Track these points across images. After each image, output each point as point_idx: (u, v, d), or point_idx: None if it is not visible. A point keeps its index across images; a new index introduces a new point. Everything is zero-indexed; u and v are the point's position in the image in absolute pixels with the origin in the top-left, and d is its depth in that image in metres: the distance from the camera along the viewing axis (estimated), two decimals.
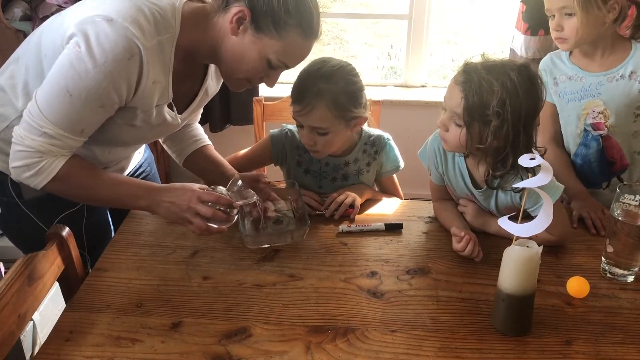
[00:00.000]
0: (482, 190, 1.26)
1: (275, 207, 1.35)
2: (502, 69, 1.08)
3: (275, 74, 1.19)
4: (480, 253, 1.20)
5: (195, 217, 1.13)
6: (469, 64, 1.12)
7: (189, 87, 1.28)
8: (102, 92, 1.05)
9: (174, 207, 1.13)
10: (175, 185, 1.17)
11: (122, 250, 1.24)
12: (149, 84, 1.10)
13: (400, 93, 2.86)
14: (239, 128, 2.80)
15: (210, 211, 1.13)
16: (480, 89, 1.08)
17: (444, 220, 1.34)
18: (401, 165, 1.55)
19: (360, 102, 1.36)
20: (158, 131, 1.27)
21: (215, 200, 1.14)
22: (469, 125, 1.11)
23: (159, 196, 1.14)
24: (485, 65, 1.11)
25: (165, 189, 1.16)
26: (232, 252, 1.23)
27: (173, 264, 1.19)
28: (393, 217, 1.40)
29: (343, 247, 1.27)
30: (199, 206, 1.12)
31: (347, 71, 1.34)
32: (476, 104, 1.09)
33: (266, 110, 1.89)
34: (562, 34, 1.34)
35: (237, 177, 1.22)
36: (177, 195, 1.13)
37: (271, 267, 1.19)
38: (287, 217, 1.34)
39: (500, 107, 1.06)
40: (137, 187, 1.16)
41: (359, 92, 1.35)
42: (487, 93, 1.07)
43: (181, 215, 1.13)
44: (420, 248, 1.27)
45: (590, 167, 1.47)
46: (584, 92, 1.41)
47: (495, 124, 1.07)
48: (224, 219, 1.15)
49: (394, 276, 1.17)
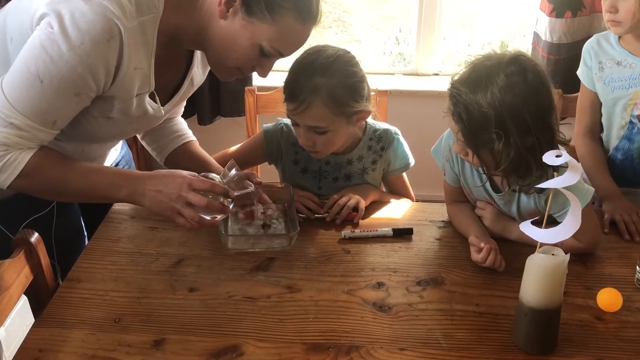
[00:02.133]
0: (502, 194, 1.26)
1: (265, 210, 1.36)
2: (488, 78, 1.07)
3: (269, 62, 1.19)
4: (502, 263, 1.20)
5: (186, 207, 1.12)
6: (453, 86, 1.12)
7: (173, 76, 1.29)
8: (77, 78, 1.05)
9: (162, 196, 1.12)
10: (162, 171, 1.16)
11: (98, 258, 1.24)
12: (129, 70, 1.10)
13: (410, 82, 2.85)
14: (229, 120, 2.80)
15: (204, 200, 1.11)
16: (470, 115, 1.08)
17: (459, 225, 1.35)
18: (411, 163, 1.55)
19: (362, 95, 1.36)
20: (138, 125, 1.27)
21: (209, 188, 1.13)
22: (478, 153, 1.13)
23: (143, 184, 1.14)
24: (469, 80, 1.10)
25: (150, 176, 1.15)
26: (221, 261, 1.24)
27: (155, 273, 1.20)
28: (402, 221, 1.41)
29: (346, 255, 1.27)
30: (191, 195, 1.11)
31: (345, 61, 1.34)
32: (474, 132, 1.10)
33: (259, 102, 1.90)
34: (616, 16, 1.34)
35: (232, 162, 1.22)
36: (166, 182, 1.13)
37: (265, 278, 1.19)
38: (276, 221, 1.34)
39: (500, 125, 1.07)
40: (117, 176, 1.16)
41: (360, 84, 1.35)
42: (478, 117, 1.08)
43: (170, 206, 1.12)
44: (433, 256, 1.27)
45: (632, 163, 1.47)
46: (633, 80, 1.41)
47: (500, 145, 1.08)
48: (219, 209, 1.14)
49: (403, 288, 1.17)
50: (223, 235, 1.24)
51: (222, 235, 1.24)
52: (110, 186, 1.15)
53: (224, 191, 1.15)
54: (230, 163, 1.22)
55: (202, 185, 1.13)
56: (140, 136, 1.51)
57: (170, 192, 1.12)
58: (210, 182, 1.14)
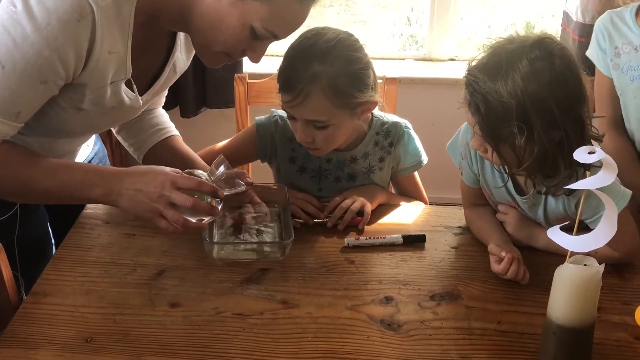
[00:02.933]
0: (527, 197, 1.26)
1: (256, 214, 1.36)
2: (509, 64, 1.07)
3: (262, 45, 1.19)
4: (526, 274, 1.20)
5: (169, 208, 1.12)
6: (470, 73, 1.12)
7: (152, 61, 1.29)
8: (44, 63, 1.05)
9: (142, 195, 1.12)
10: (141, 168, 1.16)
11: (67, 269, 1.24)
12: (103, 54, 1.10)
13: (422, 68, 2.85)
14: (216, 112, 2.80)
15: (190, 200, 1.12)
16: (489, 106, 1.08)
17: (478, 232, 1.35)
18: (424, 161, 1.55)
19: (367, 84, 1.36)
20: (112, 117, 1.26)
21: (195, 187, 1.13)
22: (498, 149, 1.13)
23: (120, 182, 1.14)
24: (488, 66, 1.10)
25: (128, 173, 1.15)
26: (207, 272, 1.23)
27: (132, 287, 1.19)
28: (413, 227, 1.40)
29: (349, 266, 1.27)
30: (175, 194, 1.11)
31: (347, 45, 1.34)
32: (493, 125, 1.10)
33: (251, 91, 1.90)
34: None
35: (221, 158, 1.22)
36: (146, 180, 1.13)
37: (257, 291, 1.19)
38: (268, 227, 1.34)
39: (522, 118, 1.07)
40: (90, 173, 1.16)
41: (364, 71, 1.35)
42: (498, 108, 1.08)
43: (150, 207, 1.12)
44: (448, 267, 1.27)
45: None
46: None
47: (522, 140, 1.08)
48: (206, 210, 1.15)
49: (415, 303, 1.17)
50: (207, 242, 1.24)
51: (205, 242, 1.24)
52: (82, 185, 1.14)
53: (212, 190, 1.15)
54: (219, 159, 1.22)
55: (187, 184, 1.13)
56: (115, 130, 1.50)
57: (151, 191, 1.12)
58: (196, 180, 1.14)
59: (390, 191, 1.60)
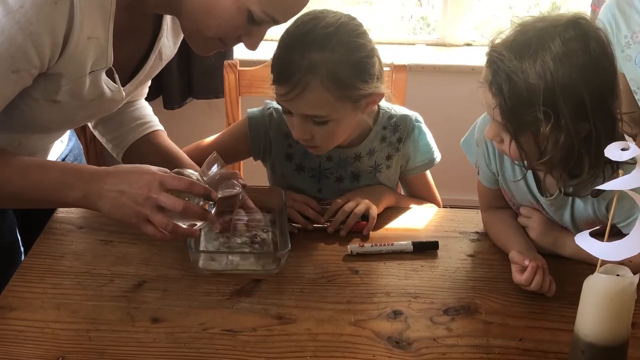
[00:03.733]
0: (552, 198, 1.26)
1: (249, 220, 1.35)
2: (539, 42, 1.08)
3: (259, 31, 1.19)
4: (552, 285, 1.20)
5: (157, 212, 1.12)
6: (494, 49, 1.12)
7: (136, 48, 1.29)
8: (16, 50, 1.05)
9: (125, 197, 1.12)
10: (124, 167, 1.16)
11: (36, 280, 1.24)
12: (81, 40, 1.10)
13: (435, 54, 2.86)
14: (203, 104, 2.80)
15: (181, 203, 1.12)
16: (513, 87, 1.09)
17: (497, 238, 1.35)
18: (436, 158, 1.55)
19: (371, 73, 1.36)
20: (91, 110, 1.27)
21: (186, 188, 1.13)
22: (518, 138, 1.13)
23: (100, 183, 1.14)
24: (515, 44, 1.10)
25: (109, 173, 1.15)
26: (193, 283, 1.23)
27: (109, 299, 1.19)
28: (425, 232, 1.41)
29: (353, 276, 1.27)
30: (163, 196, 1.12)
31: (349, 30, 1.34)
32: (515, 109, 1.10)
33: (242, 79, 1.90)
34: None
35: (214, 156, 1.22)
36: (130, 180, 1.13)
37: (250, 305, 1.19)
38: (261, 235, 1.34)
39: (549, 103, 1.07)
40: (66, 173, 1.16)
41: (368, 59, 1.35)
42: (523, 90, 1.08)
43: (135, 210, 1.12)
44: (464, 277, 1.28)
45: None
46: None
47: (548, 128, 1.08)
48: (198, 215, 1.15)
49: (427, 317, 1.17)
50: (192, 251, 1.24)
51: (191, 251, 1.24)
52: (58, 186, 1.14)
53: (205, 192, 1.15)
54: (212, 157, 1.22)
55: (177, 184, 1.13)
56: (92, 125, 1.50)
57: (137, 192, 1.12)
58: (187, 180, 1.15)
59: (398, 192, 1.60)
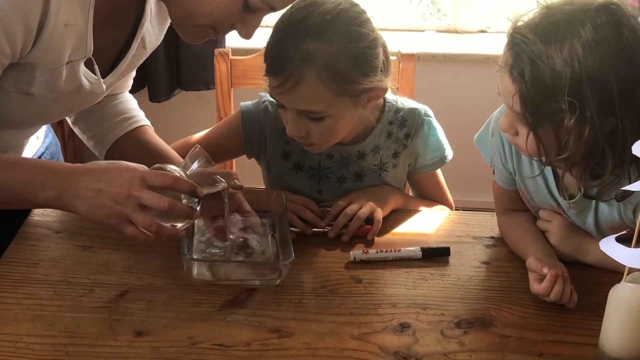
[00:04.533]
0: (575, 201, 1.27)
1: (246, 225, 1.36)
2: (568, 27, 1.08)
3: (254, 18, 1.19)
4: (573, 296, 1.20)
5: (139, 211, 1.12)
6: (517, 31, 1.13)
7: (117, 36, 1.29)
8: None
9: (104, 197, 1.12)
10: (101, 163, 1.15)
11: (8, 289, 1.23)
12: (58, 27, 1.10)
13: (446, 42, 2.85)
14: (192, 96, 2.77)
15: (165, 201, 1.12)
16: (536, 73, 1.09)
17: (514, 243, 1.36)
18: (448, 156, 1.56)
19: (374, 65, 1.35)
20: (69, 104, 1.27)
21: (170, 185, 1.13)
22: (537, 129, 1.13)
23: (76, 182, 1.13)
24: (540, 27, 1.11)
25: (86, 171, 1.14)
26: (181, 293, 1.23)
27: (88, 311, 1.19)
28: (435, 237, 1.41)
29: (356, 285, 1.28)
30: (146, 194, 1.12)
31: (350, 18, 1.33)
32: (537, 98, 1.10)
33: (235, 69, 1.90)
34: None
35: (197, 149, 1.22)
36: (108, 178, 1.13)
37: (243, 317, 1.18)
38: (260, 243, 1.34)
39: (575, 93, 1.07)
40: (39, 171, 1.16)
41: (370, 50, 1.35)
42: (547, 78, 1.09)
43: (115, 211, 1.12)
44: (478, 287, 1.28)
45: None
46: None
47: (572, 121, 1.09)
48: (184, 213, 1.15)
49: (437, 331, 1.17)
50: (186, 259, 1.23)
51: (184, 259, 1.23)
52: (30, 185, 1.14)
53: (190, 188, 1.15)
54: (195, 150, 1.22)
55: (160, 181, 1.13)
56: (71, 120, 1.50)
57: (116, 191, 1.12)
58: (171, 176, 1.15)
59: (406, 193, 1.60)
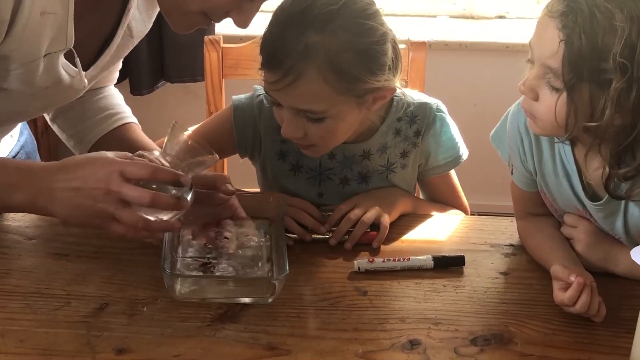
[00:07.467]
0: (602, 203, 1.26)
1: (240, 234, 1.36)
2: None
3: (252, 6, 1.21)
4: (602, 308, 1.20)
5: (122, 207, 1.13)
6: None
7: (100, 24, 1.30)
8: None
9: (82, 196, 1.14)
10: (76, 158, 1.18)
11: None
12: (33, 15, 1.11)
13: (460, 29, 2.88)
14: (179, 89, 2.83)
15: (147, 195, 1.13)
16: (593, 25, 1.09)
17: (536, 251, 1.35)
18: (463, 156, 1.57)
19: (381, 63, 1.35)
20: (47, 100, 1.29)
21: (149, 176, 1.14)
22: (573, 89, 1.12)
23: (50, 181, 1.16)
24: None
25: (60, 168, 1.17)
26: (166, 306, 1.23)
27: (64, 326, 1.19)
28: (448, 245, 1.41)
29: (361, 298, 1.27)
30: (126, 188, 1.13)
31: (357, 9, 1.33)
32: (586, 51, 1.09)
33: (227, 59, 1.92)
34: None
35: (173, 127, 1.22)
36: (84, 175, 1.14)
37: (235, 333, 1.18)
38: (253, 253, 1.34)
39: (628, 55, 1.07)
40: (9, 171, 1.19)
41: (378, 46, 1.35)
42: (604, 32, 1.08)
43: (96, 210, 1.14)
44: (496, 300, 1.28)
45: None
46: None
47: (618, 85, 1.08)
48: (171, 205, 1.16)
49: (450, 349, 1.16)
50: (167, 275, 1.23)
51: (165, 275, 1.23)
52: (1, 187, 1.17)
53: (172, 178, 1.16)
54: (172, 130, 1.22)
55: (140, 172, 1.14)
56: (49, 117, 1.52)
57: (94, 187, 1.13)
58: (151, 166, 1.15)
59: (416, 196, 1.61)
